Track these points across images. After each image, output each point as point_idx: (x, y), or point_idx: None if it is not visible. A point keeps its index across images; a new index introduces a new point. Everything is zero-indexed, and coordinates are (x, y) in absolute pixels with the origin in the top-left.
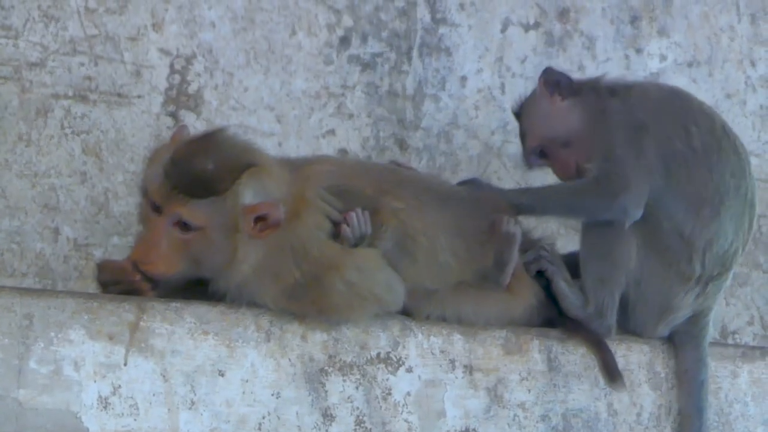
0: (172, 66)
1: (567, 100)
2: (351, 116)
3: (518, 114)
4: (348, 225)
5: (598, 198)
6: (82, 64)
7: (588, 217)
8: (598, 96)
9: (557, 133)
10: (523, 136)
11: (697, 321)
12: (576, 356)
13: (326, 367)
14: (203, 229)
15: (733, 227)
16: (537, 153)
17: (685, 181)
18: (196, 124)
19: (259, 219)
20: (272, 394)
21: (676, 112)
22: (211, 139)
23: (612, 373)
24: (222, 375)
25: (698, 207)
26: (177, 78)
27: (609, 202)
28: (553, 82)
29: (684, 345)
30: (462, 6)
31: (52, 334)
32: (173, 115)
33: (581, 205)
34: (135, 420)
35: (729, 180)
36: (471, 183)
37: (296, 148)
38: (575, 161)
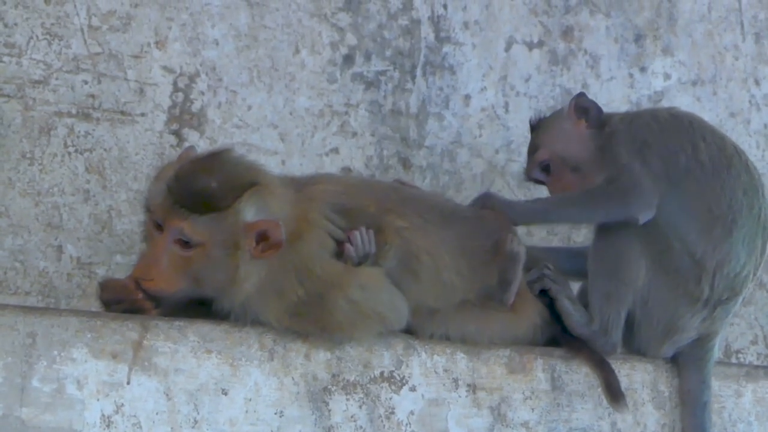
0: (175, 84)
1: (591, 129)
2: (354, 134)
3: (535, 126)
4: (352, 244)
5: (609, 199)
6: (86, 82)
7: (601, 219)
8: (611, 126)
9: (571, 155)
10: (534, 148)
11: (702, 344)
12: (580, 375)
13: (330, 386)
14: (203, 245)
15: (746, 250)
16: (542, 167)
17: (695, 197)
18: (199, 143)
19: (261, 239)
20: (275, 413)
21: (682, 129)
22: (215, 158)
23: (614, 394)
24: (225, 394)
25: (710, 226)
26: (180, 96)
27: (620, 201)
28: (584, 108)
29: (688, 366)
30: (466, 25)
31: (55, 352)
32: (176, 134)
33: (593, 207)
34: None
35: (741, 197)
36: (484, 197)
37: (299, 166)
38: (575, 187)
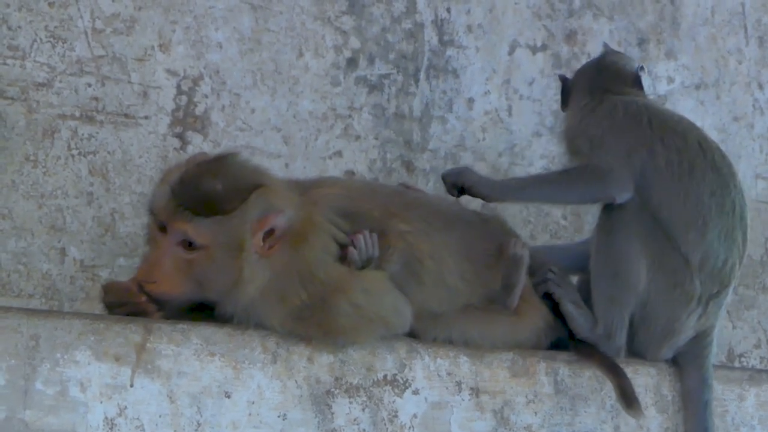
0: (179, 87)
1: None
2: (358, 138)
3: None
4: (355, 247)
5: (586, 179)
6: (89, 85)
7: (576, 198)
8: (570, 117)
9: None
10: None
11: (700, 341)
12: (583, 379)
13: (333, 389)
14: (207, 248)
15: (725, 246)
16: None
17: (660, 202)
18: (202, 146)
19: (267, 235)
20: (279, 416)
21: (639, 129)
22: (221, 161)
23: (629, 399)
24: (228, 396)
25: (684, 230)
26: (184, 99)
27: (597, 180)
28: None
29: (687, 366)
30: (469, 28)
31: (59, 355)
32: (180, 136)
33: (569, 186)
34: None
35: (708, 201)
36: (460, 172)
37: (303, 169)
38: None
